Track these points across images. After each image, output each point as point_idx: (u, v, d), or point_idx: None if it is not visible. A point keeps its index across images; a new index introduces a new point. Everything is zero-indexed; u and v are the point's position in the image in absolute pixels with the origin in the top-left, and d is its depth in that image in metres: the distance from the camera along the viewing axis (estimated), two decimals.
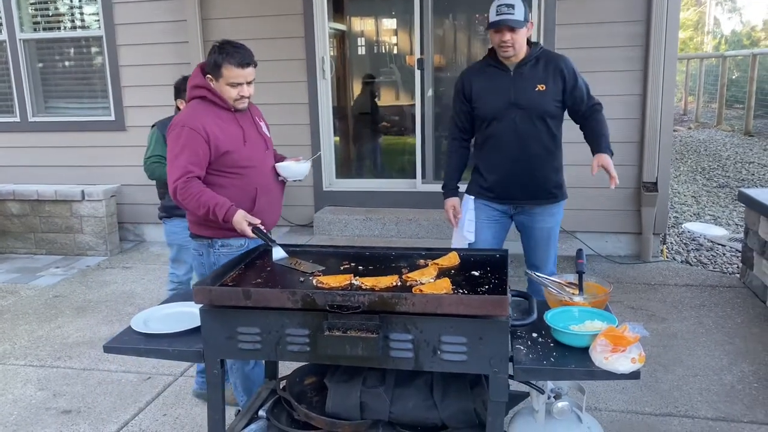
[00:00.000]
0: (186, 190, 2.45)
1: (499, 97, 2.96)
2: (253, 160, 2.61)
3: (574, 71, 2.99)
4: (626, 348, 1.76)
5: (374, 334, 1.80)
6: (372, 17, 7.87)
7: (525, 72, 2.94)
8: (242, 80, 2.53)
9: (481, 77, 3.03)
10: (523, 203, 3.07)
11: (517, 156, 2.98)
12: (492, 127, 3.00)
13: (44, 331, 4.20)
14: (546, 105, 2.94)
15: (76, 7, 6.30)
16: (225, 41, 2.55)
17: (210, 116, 2.55)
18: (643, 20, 4.94)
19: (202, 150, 2.48)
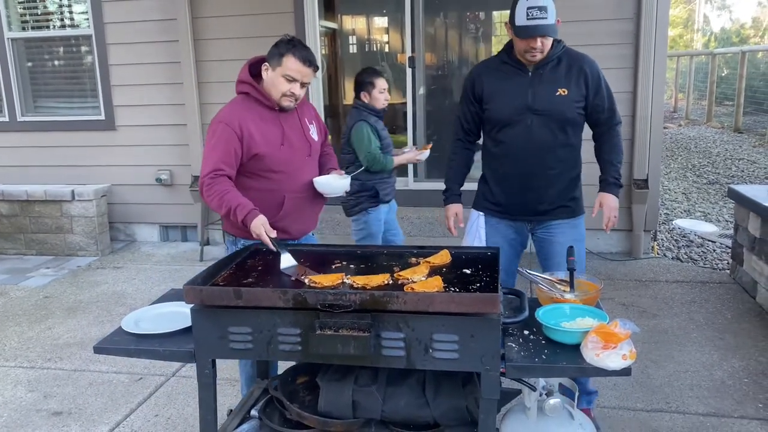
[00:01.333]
0: (212, 187, 2.42)
1: (514, 100, 2.64)
2: (286, 164, 2.53)
3: (599, 75, 2.68)
4: (617, 345, 1.77)
5: (366, 333, 1.80)
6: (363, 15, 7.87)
7: (545, 74, 2.62)
8: (299, 77, 2.47)
9: (496, 76, 2.71)
10: (540, 219, 2.76)
11: (530, 167, 2.67)
12: (503, 133, 2.69)
13: (34, 332, 4.18)
14: (567, 111, 2.62)
15: (65, 5, 6.25)
16: (294, 37, 2.51)
17: (251, 114, 2.51)
18: (633, 18, 4.96)
19: (234, 148, 2.45)
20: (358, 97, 3.90)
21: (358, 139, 3.77)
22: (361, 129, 3.77)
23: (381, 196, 3.83)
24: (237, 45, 5.55)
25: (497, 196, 2.78)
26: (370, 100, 3.85)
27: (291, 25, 5.49)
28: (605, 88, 2.70)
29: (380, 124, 3.88)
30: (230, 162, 2.46)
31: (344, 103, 7.57)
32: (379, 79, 3.87)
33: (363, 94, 3.85)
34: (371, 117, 3.84)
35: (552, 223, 2.75)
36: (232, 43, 5.57)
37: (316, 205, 2.73)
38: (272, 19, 5.48)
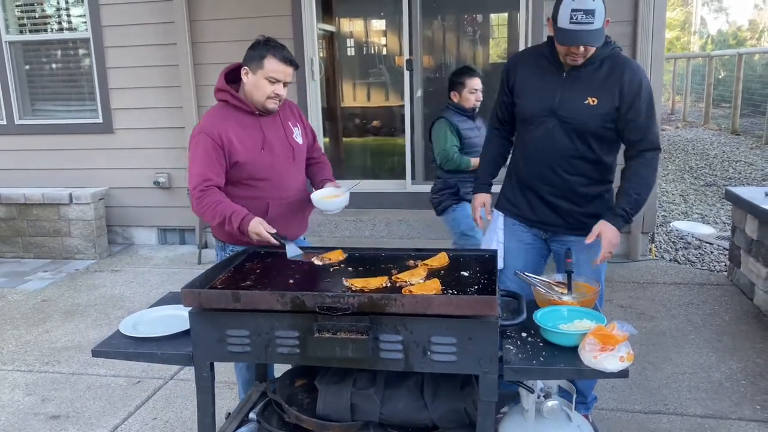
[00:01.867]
0: (202, 199, 2.40)
1: (541, 99, 2.45)
2: (269, 170, 2.51)
3: (640, 88, 2.37)
4: (615, 347, 1.77)
5: (364, 336, 1.80)
6: (361, 18, 7.87)
7: (581, 76, 2.40)
8: (282, 77, 2.45)
9: (530, 69, 2.51)
10: (552, 229, 2.60)
11: (545, 174, 2.51)
12: (525, 132, 2.55)
13: (32, 335, 4.17)
14: (590, 122, 2.39)
15: (63, 9, 6.25)
16: (269, 37, 2.50)
17: (230, 122, 2.49)
18: (630, 20, 4.97)
19: (217, 157, 2.44)
20: (449, 95, 3.94)
21: (436, 135, 3.86)
22: (439, 126, 3.85)
23: (462, 194, 3.83)
24: (235, 48, 5.52)
25: (516, 197, 2.64)
26: (459, 99, 3.88)
27: (289, 28, 5.49)
28: (644, 105, 2.39)
29: (467, 124, 3.88)
30: (216, 171, 2.44)
31: (342, 106, 7.58)
32: (471, 79, 3.85)
33: (453, 93, 3.89)
34: (456, 116, 3.87)
35: (567, 238, 2.57)
36: (230, 46, 5.57)
37: (303, 209, 2.70)
38: (270, 22, 5.49)
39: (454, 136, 3.81)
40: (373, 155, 7.36)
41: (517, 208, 2.64)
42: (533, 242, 2.65)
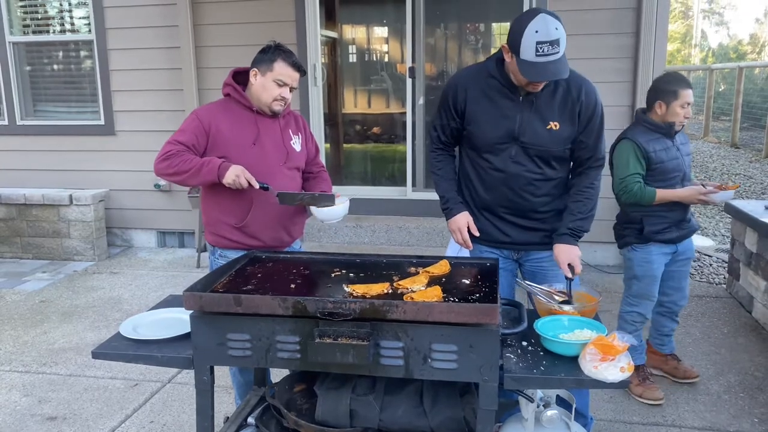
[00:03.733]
0: (177, 156, 2.44)
1: (500, 127, 2.38)
2: (256, 168, 2.50)
3: (595, 107, 2.40)
4: (615, 357, 1.78)
5: (365, 342, 1.80)
6: (364, 25, 7.90)
7: (538, 102, 2.36)
8: (289, 81, 2.53)
9: (480, 93, 2.42)
10: (524, 248, 2.57)
11: (511, 199, 2.47)
12: (483, 159, 2.47)
13: (30, 336, 4.16)
14: (554, 148, 2.39)
15: (67, 10, 6.27)
16: (280, 43, 2.57)
17: (227, 113, 2.56)
18: (633, 32, 5.00)
19: (198, 138, 2.50)
20: (649, 106, 3.18)
21: (617, 159, 3.14)
22: (621, 149, 3.13)
23: (647, 233, 3.13)
24: (238, 53, 5.56)
25: (479, 222, 2.55)
26: (665, 112, 3.10)
27: (292, 34, 5.51)
28: (597, 124, 2.43)
29: (661, 143, 3.09)
30: (194, 146, 2.49)
31: (343, 112, 7.60)
32: (685, 90, 3.07)
33: (659, 103, 3.10)
34: (645, 134, 3.10)
35: (540, 254, 2.56)
36: (234, 51, 5.59)
37: (294, 215, 2.68)
38: (273, 27, 5.50)
39: (640, 163, 3.06)
40: (374, 162, 7.37)
41: (483, 232, 2.55)
42: (505, 265, 2.55)
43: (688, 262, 3.35)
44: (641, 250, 3.18)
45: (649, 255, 3.17)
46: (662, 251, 3.18)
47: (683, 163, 3.16)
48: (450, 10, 6.62)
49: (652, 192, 3.06)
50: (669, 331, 3.45)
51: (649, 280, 3.20)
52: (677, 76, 3.27)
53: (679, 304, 3.36)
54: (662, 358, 3.45)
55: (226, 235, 2.62)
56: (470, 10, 6.69)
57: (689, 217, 3.24)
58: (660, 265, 3.20)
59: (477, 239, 2.57)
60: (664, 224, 3.13)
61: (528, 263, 2.61)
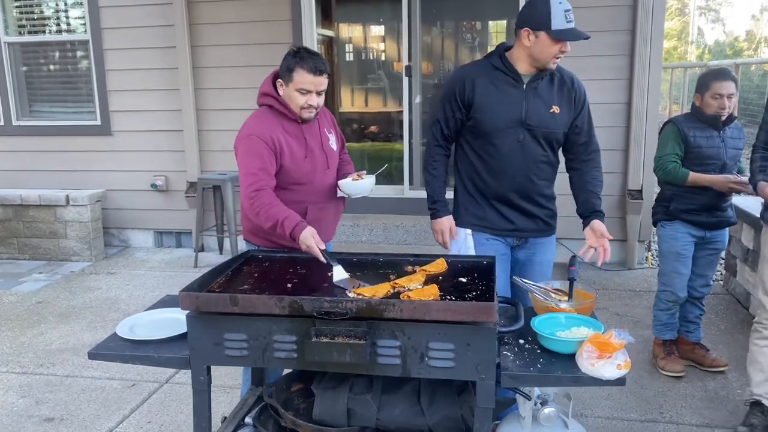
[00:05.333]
0: (255, 200, 2.38)
1: (508, 112, 2.53)
2: (309, 176, 2.50)
3: (585, 97, 2.64)
4: (612, 354, 1.78)
5: (362, 341, 1.80)
6: (360, 24, 7.90)
7: (540, 89, 2.54)
8: (312, 88, 2.44)
9: (488, 84, 2.56)
10: (525, 235, 2.69)
11: (520, 182, 2.60)
12: (492, 145, 2.58)
13: (27, 337, 4.15)
14: (557, 130, 2.58)
15: (62, 10, 6.25)
16: (301, 47, 2.49)
17: (277, 126, 2.50)
18: (629, 30, 5.00)
19: (269, 158, 2.43)
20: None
21: (660, 140, 3.39)
22: (665, 131, 3.38)
23: (673, 209, 3.33)
24: (235, 52, 5.57)
25: (484, 212, 2.67)
26: (700, 103, 3.31)
27: (288, 33, 5.50)
28: (588, 111, 2.65)
29: (704, 132, 3.27)
30: (269, 172, 2.43)
31: (340, 111, 7.59)
32: (717, 82, 3.24)
33: (696, 95, 3.35)
34: (689, 121, 3.32)
35: (534, 241, 2.71)
36: (230, 50, 5.59)
37: (336, 214, 2.73)
38: (270, 26, 5.50)
39: (678, 144, 3.26)
40: (371, 160, 7.37)
41: (488, 221, 2.67)
42: (506, 252, 2.71)
43: (717, 253, 3.44)
44: (668, 227, 3.36)
45: (675, 232, 3.33)
46: (689, 231, 3.32)
47: (724, 153, 3.27)
48: (446, 8, 6.61)
49: (685, 173, 3.22)
50: (694, 318, 3.54)
51: (673, 257, 3.35)
52: (715, 70, 3.48)
53: (700, 290, 3.48)
54: (689, 346, 3.54)
55: (271, 237, 2.55)
56: (466, 8, 6.68)
57: (725, 207, 3.33)
58: (686, 244, 3.33)
59: (482, 227, 2.68)
60: (693, 206, 3.27)
61: (522, 251, 2.73)
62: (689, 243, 3.34)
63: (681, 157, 3.26)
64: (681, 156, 3.26)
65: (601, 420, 3.02)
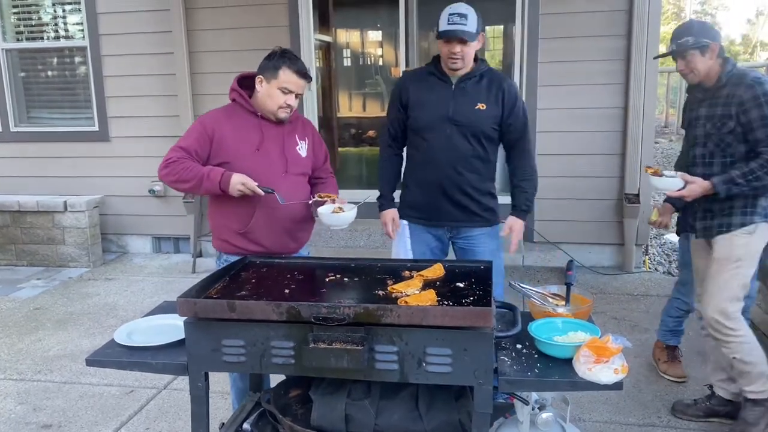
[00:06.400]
0: (179, 163, 2.44)
1: (436, 109, 2.81)
2: (259, 175, 2.49)
3: (516, 97, 2.85)
4: (609, 359, 1.78)
5: (359, 346, 1.80)
6: (357, 29, 7.93)
7: (467, 87, 2.80)
8: (294, 89, 2.52)
9: (421, 85, 2.87)
10: (458, 225, 2.91)
11: (447, 174, 2.83)
12: (424, 140, 2.85)
13: (24, 344, 4.14)
14: (483, 125, 2.80)
15: (60, 17, 6.27)
16: (286, 49, 2.57)
17: (232, 119, 2.56)
18: (625, 34, 5.02)
19: (201, 145, 2.51)
20: None
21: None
22: None
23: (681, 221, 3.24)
24: (232, 58, 5.58)
25: (418, 203, 2.93)
26: None
27: (286, 39, 5.51)
28: (521, 111, 2.85)
29: None
30: (192, 153, 2.49)
31: (338, 116, 7.61)
32: None
33: None
34: None
35: (471, 232, 2.92)
36: (228, 56, 5.59)
37: (300, 221, 2.68)
38: (267, 32, 5.51)
39: None
40: (369, 165, 7.38)
41: (421, 212, 2.94)
42: (437, 244, 2.96)
43: None
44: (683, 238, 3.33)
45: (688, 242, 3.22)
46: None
47: None
48: None
49: None
50: None
51: (688, 269, 3.25)
52: None
53: None
54: None
55: (230, 240, 2.61)
56: None
57: None
58: None
59: (416, 218, 2.95)
60: None
61: (460, 240, 2.95)
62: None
63: None
64: None
65: (599, 424, 3.02)
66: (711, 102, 2.76)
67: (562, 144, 5.16)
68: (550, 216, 5.29)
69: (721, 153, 2.73)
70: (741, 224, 2.70)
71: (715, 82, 2.75)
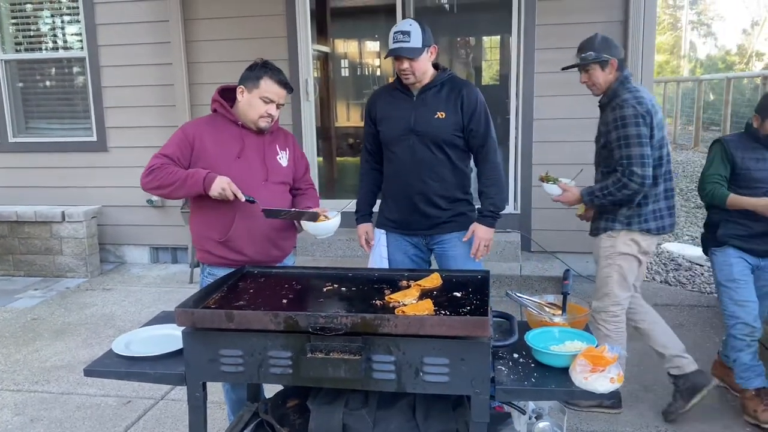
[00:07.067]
0: (162, 169, 2.49)
1: (399, 122, 2.88)
2: (239, 183, 2.51)
3: (476, 102, 2.85)
4: (606, 368, 1.79)
5: (357, 356, 1.81)
6: (355, 40, 7.96)
7: (427, 98, 2.86)
8: (275, 98, 2.57)
9: (386, 100, 2.97)
10: (429, 233, 2.97)
11: (413, 183, 2.89)
12: (391, 152, 2.94)
13: (21, 354, 4.14)
14: (443, 133, 2.84)
15: (59, 28, 6.30)
16: (267, 60, 2.62)
17: (213, 127, 2.61)
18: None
19: (182, 152, 2.56)
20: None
21: (707, 159, 3.20)
22: (711, 149, 3.17)
23: (721, 236, 3.11)
24: (230, 68, 5.55)
25: (393, 212, 3.00)
26: (760, 125, 3.05)
27: (284, 49, 5.55)
28: (482, 116, 2.86)
29: (756, 153, 3.05)
30: (179, 158, 2.55)
31: (336, 126, 7.63)
32: None
33: (755, 116, 3.08)
34: (740, 140, 3.11)
35: (444, 237, 2.96)
36: (226, 67, 5.61)
37: (282, 229, 2.69)
38: (266, 43, 5.54)
39: (723, 164, 3.06)
40: None
41: (395, 222, 3.01)
42: (416, 251, 3.03)
43: None
44: (720, 254, 3.14)
45: (728, 258, 3.10)
46: (742, 256, 3.09)
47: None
48: (440, 24, 6.68)
49: (724, 194, 3.02)
50: None
51: (733, 285, 3.07)
52: None
53: None
54: (728, 369, 3.34)
55: (212, 251, 2.63)
56: (460, 24, 6.76)
57: None
58: (743, 269, 3.08)
59: (391, 227, 3.02)
60: (742, 231, 3.06)
61: (435, 246, 3.01)
62: (746, 268, 3.09)
63: (726, 178, 3.06)
64: (726, 177, 3.06)
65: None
66: (601, 116, 3.08)
67: (558, 154, 5.18)
68: (547, 225, 5.31)
69: (603, 164, 3.05)
70: (604, 229, 3.06)
71: (604, 98, 3.05)
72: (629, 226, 2.99)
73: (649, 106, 2.90)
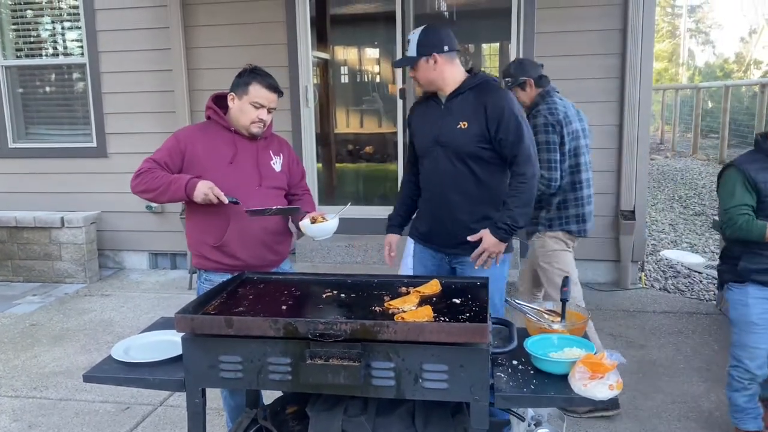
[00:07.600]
0: (149, 173, 2.53)
1: (428, 134, 2.72)
2: (234, 189, 2.53)
3: (503, 109, 2.55)
4: (604, 375, 1.79)
5: (356, 363, 1.81)
6: (355, 46, 7.99)
7: (453, 106, 2.65)
8: (266, 103, 2.58)
9: (421, 110, 2.82)
10: (450, 252, 2.75)
11: (437, 199, 2.72)
12: (421, 164, 2.80)
13: (20, 360, 4.13)
14: (466, 145, 2.60)
15: (59, 34, 6.31)
16: (256, 66, 2.64)
17: (206, 134, 2.63)
18: (619, 53, 5.08)
19: (173, 158, 2.59)
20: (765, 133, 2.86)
21: (722, 189, 2.81)
22: (727, 177, 2.80)
23: (742, 268, 2.74)
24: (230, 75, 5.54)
25: (422, 224, 2.87)
26: None
27: (284, 56, 5.57)
28: (511, 123, 2.54)
29: None
30: (167, 164, 2.58)
31: (335, 132, 7.64)
32: None
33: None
34: (757, 162, 2.74)
35: (466, 258, 2.67)
36: (226, 73, 5.55)
37: (277, 233, 2.70)
38: (266, 50, 5.56)
39: (748, 193, 2.69)
40: (366, 181, 7.41)
41: (422, 234, 2.87)
42: (434, 269, 2.81)
43: None
44: (737, 290, 2.80)
45: (746, 297, 2.76)
46: (764, 295, 2.74)
47: None
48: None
49: (762, 226, 2.63)
50: None
51: (745, 327, 2.78)
52: None
53: None
54: None
55: (207, 256, 2.64)
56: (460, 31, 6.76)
57: None
58: (762, 312, 2.74)
59: (418, 238, 2.90)
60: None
61: (458, 266, 2.78)
62: (765, 311, 2.74)
63: (753, 208, 2.69)
64: (753, 207, 2.68)
65: None
66: None
67: None
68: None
69: None
70: (531, 233, 3.42)
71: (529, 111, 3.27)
72: (551, 228, 3.35)
73: (561, 117, 3.19)
